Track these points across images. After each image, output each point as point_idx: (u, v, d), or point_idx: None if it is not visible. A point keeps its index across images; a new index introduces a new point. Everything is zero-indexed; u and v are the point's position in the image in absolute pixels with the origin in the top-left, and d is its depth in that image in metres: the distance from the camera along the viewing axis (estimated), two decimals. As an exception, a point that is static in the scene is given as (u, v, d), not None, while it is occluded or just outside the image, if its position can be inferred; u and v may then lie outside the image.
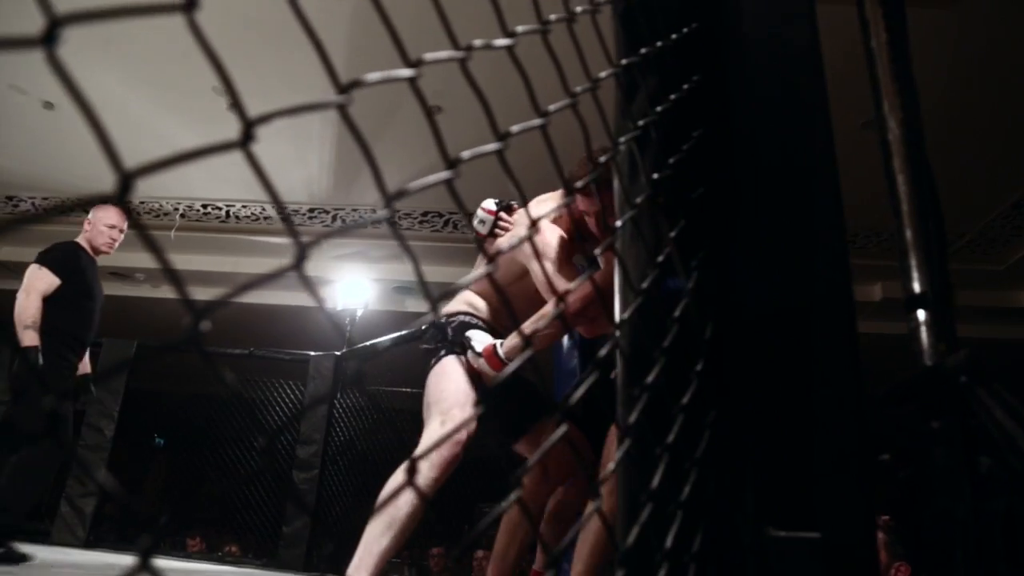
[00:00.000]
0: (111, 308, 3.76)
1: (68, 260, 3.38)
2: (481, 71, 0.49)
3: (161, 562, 5.19)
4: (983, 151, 4.85)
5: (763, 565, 0.71)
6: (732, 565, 0.71)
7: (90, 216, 3.56)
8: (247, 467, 6.34)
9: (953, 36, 3.98)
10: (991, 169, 5.03)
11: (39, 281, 3.23)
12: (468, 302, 2.13)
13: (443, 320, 2.09)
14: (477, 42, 0.46)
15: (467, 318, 2.08)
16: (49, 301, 3.21)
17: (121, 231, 3.56)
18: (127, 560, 3.81)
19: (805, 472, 0.75)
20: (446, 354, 1.98)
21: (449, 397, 1.89)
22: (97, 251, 3.52)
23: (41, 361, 3.06)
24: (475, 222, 2.23)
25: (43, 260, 3.34)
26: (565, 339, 3.96)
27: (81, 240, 3.52)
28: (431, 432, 1.84)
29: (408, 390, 5.94)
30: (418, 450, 1.82)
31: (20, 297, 3.19)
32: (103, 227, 3.49)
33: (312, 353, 5.95)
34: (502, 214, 2.21)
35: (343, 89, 0.37)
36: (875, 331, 5.99)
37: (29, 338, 3.06)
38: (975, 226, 5.74)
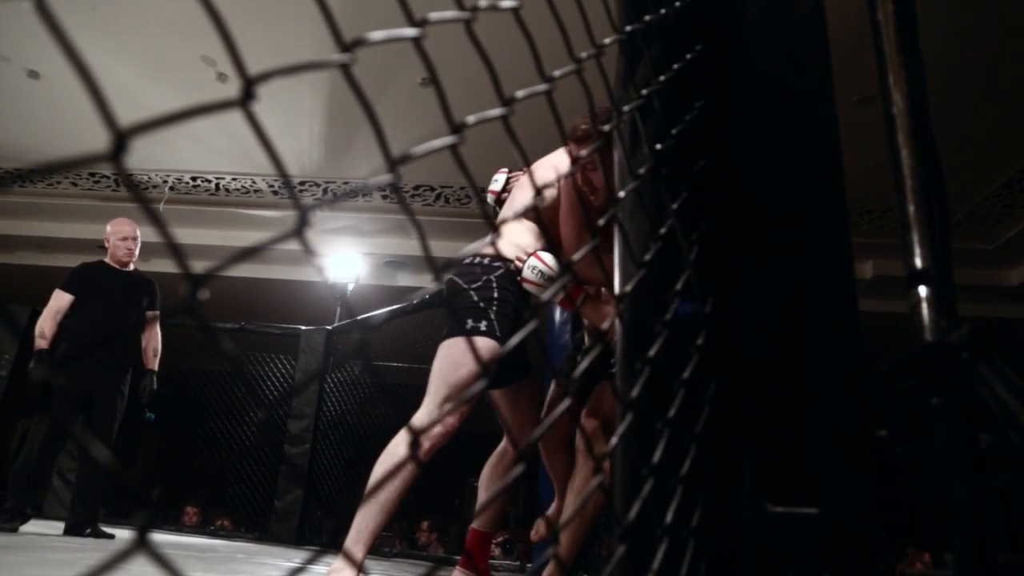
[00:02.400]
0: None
1: (76, 277, 3.97)
2: (475, 47, 0.47)
3: (155, 536, 5.27)
4: (974, 130, 4.84)
5: (761, 540, 0.71)
6: (731, 540, 0.71)
7: (107, 232, 4.08)
8: (239, 441, 6.35)
9: (945, 15, 3.95)
10: (982, 149, 5.03)
11: (52, 301, 3.91)
12: (519, 244, 1.97)
13: (486, 261, 1.93)
14: (482, 2, 0.44)
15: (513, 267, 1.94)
16: (70, 314, 3.88)
17: (134, 239, 4.06)
18: (117, 533, 3.83)
19: (804, 448, 0.75)
20: (487, 331, 1.83)
21: (459, 383, 1.80)
22: (121, 263, 4.03)
23: (47, 361, 3.71)
24: (491, 186, 2.40)
25: (60, 282, 3.98)
26: (557, 313, 3.96)
27: (107, 257, 4.05)
28: (427, 410, 1.80)
29: (401, 365, 5.93)
30: (412, 423, 1.80)
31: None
32: (118, 241, 4.00)
33: (303, 327, 5.93)
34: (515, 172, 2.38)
35: (346, 47, 0.35)
36: (866, 309, 6.00)
37: (37, 344, 3.77)
38: (966, 205, 5.75)
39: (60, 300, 3.90)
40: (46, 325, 3.82)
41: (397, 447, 1.75)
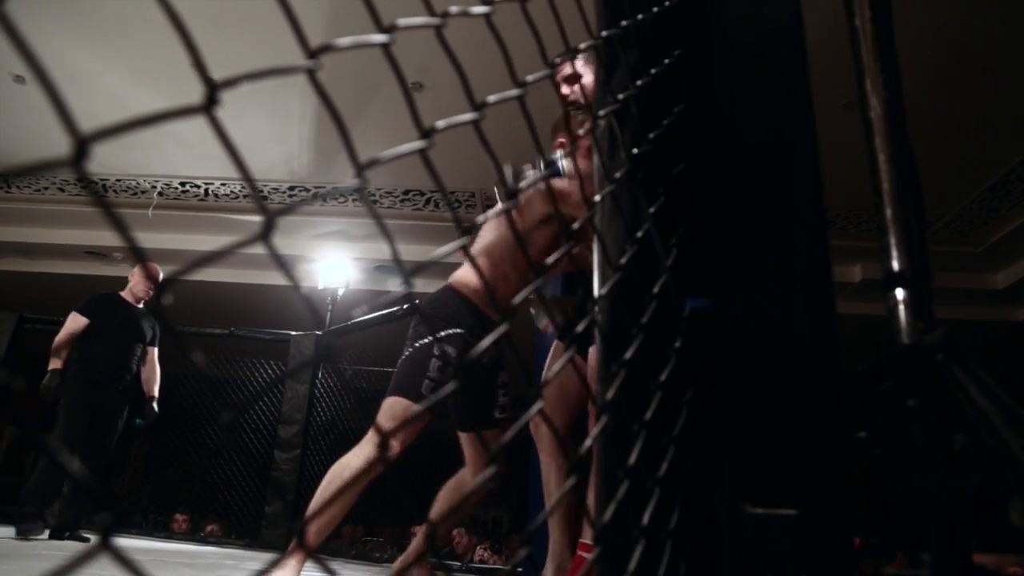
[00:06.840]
0: (86, 287, 4.28)
1: (93, 304, 4.17)
2: (464, 53, 0.47)
3: (144, 543, 5.17)
4: (960, 134, 4.88)
5: (739, 542, 0.71)
6: (709, 542, 0.71)
7: (135, 270, 4.34)
8: (228, 447, 6.32)
9: (931, 19, 3.98)
10: (968, 152, 5.07)
11: (69, 323, 4.09)
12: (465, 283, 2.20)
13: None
14: (453, 9, 0.44)
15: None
16: (83, 336, 4.05)
17: (156, 283, 4.24)
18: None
19: (782, 450, 0.76)
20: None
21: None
22: (138, 298, 4.24)
23: (58, 381, 3.88)
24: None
25: (77, 306, 4.17)
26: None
27: (125, 290, 4.27)
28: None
29: (391, 370, 5.91)
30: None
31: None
32: (144, 277, 4.18)
33: (293, 333, 5.91)
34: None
35: (312, 54, 0.36)
36: (855, 312, 6.05)
37: (52, 364, 3.95)
38: (952, 208, 5.79)
39: (77, 323, 4.07)
40: (63, 346, 4.01)
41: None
